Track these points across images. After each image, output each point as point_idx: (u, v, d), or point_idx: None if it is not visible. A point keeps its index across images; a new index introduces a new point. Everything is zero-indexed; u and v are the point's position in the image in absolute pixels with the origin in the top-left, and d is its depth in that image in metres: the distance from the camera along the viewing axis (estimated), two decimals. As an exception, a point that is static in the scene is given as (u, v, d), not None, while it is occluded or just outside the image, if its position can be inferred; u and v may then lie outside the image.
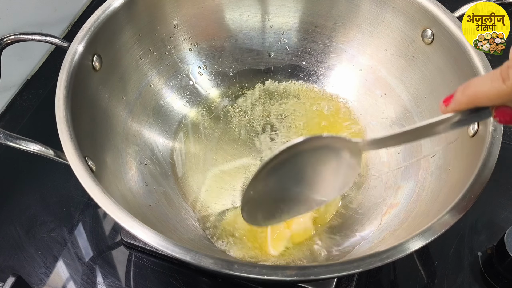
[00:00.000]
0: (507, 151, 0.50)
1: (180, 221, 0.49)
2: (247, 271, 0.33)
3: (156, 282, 0.50)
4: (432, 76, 0.51)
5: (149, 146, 0.54)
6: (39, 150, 0.43)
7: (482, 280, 0.50)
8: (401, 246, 0.35)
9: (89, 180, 0.38)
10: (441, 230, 0.36)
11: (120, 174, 0.48)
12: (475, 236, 0.52)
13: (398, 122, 0.55)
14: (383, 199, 0.51)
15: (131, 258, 0.52)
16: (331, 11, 0.57)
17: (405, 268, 0.51)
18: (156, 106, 0.56)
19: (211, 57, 0.60)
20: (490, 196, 0.54)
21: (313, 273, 0.34)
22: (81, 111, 0.44)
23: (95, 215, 0.55)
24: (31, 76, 0.68)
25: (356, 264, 0.34)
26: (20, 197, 0.56)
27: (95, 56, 0.47)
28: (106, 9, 0.48)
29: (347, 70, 0.59)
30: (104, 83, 0.49)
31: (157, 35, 0.55)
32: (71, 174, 0.38)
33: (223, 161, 0.55)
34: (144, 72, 0.55)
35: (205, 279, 0.50)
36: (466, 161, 0.43)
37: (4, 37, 0.45)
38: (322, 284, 0.46)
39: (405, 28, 0.53)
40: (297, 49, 0.61)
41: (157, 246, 0.35)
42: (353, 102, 0.59)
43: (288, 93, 0.61)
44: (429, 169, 0.49)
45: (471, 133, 0.44)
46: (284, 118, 0.59)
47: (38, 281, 0.50)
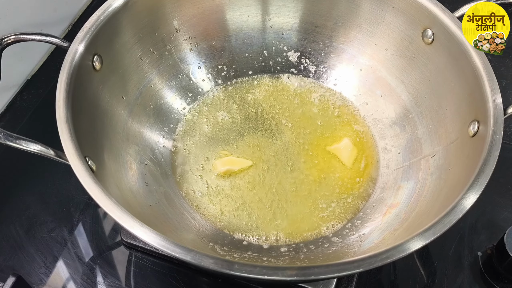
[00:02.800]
0: (507, 151, 0.50)
1: (180, 221, 0.49)
2: (247, 271, 0.33)
3: (156, 282, 0.50)
4: (432, 76, 0.51)
5: (150, 146, 0.54)
6: (39, 150, 0.43)
7: (482, 280, 0.50)
8: (401, 246, 0.35)
9: (89, 180, 0.38)
10: (441, 230, 0.36)
11: (120, 174, 0.48)
12: (475, 236, 0.52)
13: (399, 122, 0.55)
14: (383, 199, 0.51)
15: (131, 258, 0.52)
16: (331, 11, 0.57)
17: (405, 268, 0.51)
18: (157, 106, 0.57)
19: (211, 57, 0.60)
20: (490, 196, 0.54)
21: (313, 273, 0.34)
22: (81, 111, 0.44)
23: (95, 215, 0.55)
24: (31, 76, 0.68)
25: (356, 264, 0.34)
26: (20, 197, 0.56)
27: (95, 56, 0.48)
28: (106, 9, 0.48)
29: (347, 70, 0.60)
30: (104, 83, 0.49)
31: (157, 35, 0.55)
32: (71, 174, 0.38)
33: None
34: (144, 72, 0.55)
35: (205, 279, 0.51)
36: (467, 161, 0.43)
37: (4, 37, 0.45)
38: (322, 284, 0.46)
39: (405, 28, 0.53)
40: (297, 49, 0.61)
41: (157, 246, 0.35)
42: (353, 102, 0.59)
43: (289, 93, 0.61)
44: (429, 169, 0.49)
45: (471, 133, 0.44)
46: (285, 118, 0.59)
47: (38, 281, 0.50)
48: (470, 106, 0.46)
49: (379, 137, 0.56)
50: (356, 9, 0.55)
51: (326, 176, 0.54)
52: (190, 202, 0.52)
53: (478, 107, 0.44)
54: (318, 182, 0.53)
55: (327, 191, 0.53)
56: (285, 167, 0.55)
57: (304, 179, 0.54)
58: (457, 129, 0.47)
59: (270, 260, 0.46)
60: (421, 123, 0.53)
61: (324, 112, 0.59)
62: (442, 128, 0.50)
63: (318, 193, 0.53)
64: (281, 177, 0.54)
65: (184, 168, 0.55)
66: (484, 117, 0.42)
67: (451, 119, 0.49)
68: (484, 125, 0.42)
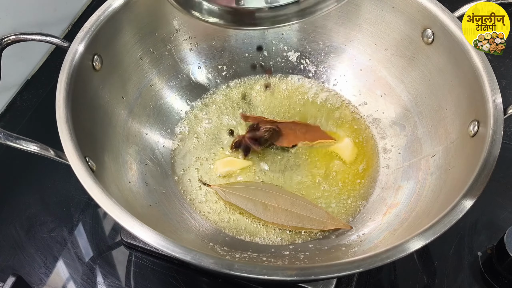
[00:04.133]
0: (507, 151, 0.50)
1: (180, 221, 0.49)
2: (247, 271, 0.34)
3: (156, 282, 0.50)
4: (432, 76, 0.51)
5: (150, 146, 0.54)
6: (39, 150, 0.43)
7: (482, 280, 0.50)
8: (401, 246, 0.35)
9: (89, 180, 0.38)
10: (441, 230, 0.36)
11: (120, 174, 0.48)
12: (475, 236, 0.52)
13: (399, 122, 0.55)
14: (383, 199, 0.51)
15: (131, 258, 0.52)
16: (332, 11, 0.57)
17: (405, 268, 0.51)
18: (157, 106, 0.57)
19: (211, 57, 0.60)
20: (490, 196, 0.54)
21: (313, 273, 0.34)
22: (81, 111, 0.44)
23: (95, 215, 0.55)
24: (31, 76, 0.68)
25: (356, 264, 0.34)
26: (20, 197, 0.56)
27: (95, 56, 0.48)
28: (106, 9, 0.48)
29: (347, 70, 0.60)
30: (104, 83, 0.49)
31: (157, 35, 0.55)
32: (71, 174, 0.38)
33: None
34: (144, 72, 0.55)
35: (205, 279, 0.51)
36: (467, 161, 0.43)
37: (5, 37, 0.45)
38: (322, 284, 0.46)
39: (405, 28, 0.53)
40: (297, 49, 0.61)
41: (157, 246, 0.35)
42: (353, 102, 0.59)
43: (289, 93, 0.61)
44: (429, 169, 0.49)
45: (471, 133, 0.44)
46: (285, 118, 0.58)
47: (38, 281, 0.50)
48: (470, 106, 0.46)
49: (379, 137, 0.56)
50: (356, 9, 0.55)
51: (325, 176, 0.54)
52: (190, 202, 0.52)
53: (478, 107, 0.44)
54: (318, 182, 0.53)
55: (327, 191, 0.53)
56: (285, 167, 0.55)
57: (304, 179, 0.54)
58: (457, 129, 0.47)
59: (270, 260, 0.46)
60: (421, 123, 0.53)
61: (324, 112, 0.59)
62: (442, 128, 0.50)
63: (318, 193, 0.53)
64: (281, 177, 0.54)
65: (184, 168, 0.55)
66: (484, 117, 0.42)
67: (451, 119, 0.49)
68: (484, 125, 0.42)
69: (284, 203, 0.50)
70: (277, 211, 0.50)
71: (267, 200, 0.50)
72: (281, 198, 0.50)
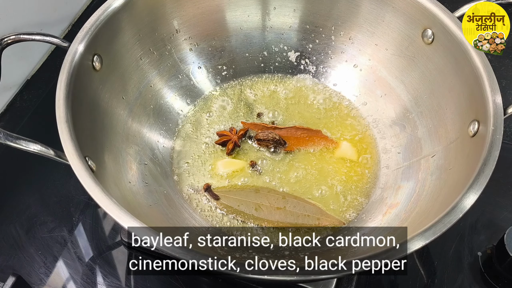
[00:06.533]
0: (507, 151, 0.50)
1: (180, 221, 0.49)
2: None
3: (156, 282, 0.50)
4: (432, 76, 0.51)
5: (149, 146, 0.54)
6: (39, 150, 0.43)
7: (482, 280, 0.50)
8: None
9: (89, 180, 0.38)
10: (441, 230, 0.36)
11: (120, 174, 0.48)
12: (475, 236, 0.52)
13: (399, 122, 0.55)
14: (383, 199, 0.51)
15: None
16: (331, 11, 0.57)
17: (405, 268, 0.51)
18: (156, 106, 0.57)
19: (211, 57, 0.60)
20: (490, 196, 0.54)
21: (313, 273, 0.34)
22: (81, 111, 0.44)
23: (95, 215, 0.55)
24: (31, 76, 0.68)
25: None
26: (20, 197, 0.56)
27: (95, 56, 0.48)
28: (106, 9, 0.48)
29: (347, 70, 0.60)
30: (104, 83, 0.49)
31: (157, 35, 0.55)
32: (71, 174, 0.38)
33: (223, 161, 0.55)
34: (144, 72, 0.55)
35: (205, 279, 0.50)
36: (467, 161, 0.43)
37: (4, 37, 0.45)
38: (322, 284, 0.46)
39: (405, 28, 0.53)
40: (297, 49, 0.61)
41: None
42: (353, 102, 0.59)
43: (289, 93, 0.61)
44: (429, 169, 0.49)
45: (471, 133, 0.44)
46: (285, 118, 0.58)
47: (38, 281, 0.50)
48: (470, 106, 0.46)
49: (379, 137, 0.56)
50: (356, 9, 0.55)
51: (325, 176, 0.54)
52: (190, 202, 0.52)
53: (478, 107, 0.44)
54: (317, 182, 0.53)
55: (326, 191, 0.53)
56: (285, 167, 0.55)
57: (304, 179, 0.54)
58: (457, 129, 0.47)
59: (270, 260, 0.46)
60: (421, 123, 0.53)
61: (324, 112, 0.59)
62: (442, 128, 0.50)
63: (317, 193, 0.53)
64: (281, 177, 0.54)
65: (184, 168, 0.55)
66: (484, 117, 0.42)
67: (451, 119, 0.49)
68: (484, 125, 0.42)
69: (277, 202, 0.50)
70: (270, 210, 0.50)
71: (259, 200, 0.50)
72: (272, 197, 0.50)
